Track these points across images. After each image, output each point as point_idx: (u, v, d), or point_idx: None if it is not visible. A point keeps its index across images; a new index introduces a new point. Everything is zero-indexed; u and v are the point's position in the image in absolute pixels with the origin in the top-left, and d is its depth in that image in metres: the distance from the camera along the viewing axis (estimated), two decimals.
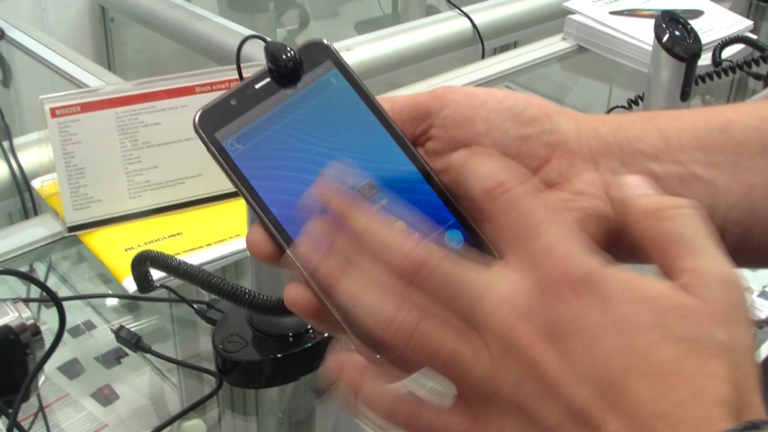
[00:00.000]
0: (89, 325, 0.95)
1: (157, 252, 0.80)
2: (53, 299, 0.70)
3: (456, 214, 0.43)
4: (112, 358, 0.90)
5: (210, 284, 0.76)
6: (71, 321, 0.94)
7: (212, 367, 0.86)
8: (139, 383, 0.89)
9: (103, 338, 0.93)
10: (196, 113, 0.44)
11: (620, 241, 0.42)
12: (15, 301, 0.77)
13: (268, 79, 0.45)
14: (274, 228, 0.43)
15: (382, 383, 0.39)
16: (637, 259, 0.42)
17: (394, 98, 0.46)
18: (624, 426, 0.33)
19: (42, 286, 0.72)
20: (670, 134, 0.44)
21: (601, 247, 0.40)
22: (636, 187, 0.40)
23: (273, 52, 0.44)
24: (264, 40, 0.58)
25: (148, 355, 0.88)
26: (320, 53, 0.45)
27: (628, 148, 0.44)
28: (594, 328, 0.35)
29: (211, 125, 0.43)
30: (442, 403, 0.39)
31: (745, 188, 0.42)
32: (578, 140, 0.44)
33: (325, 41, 0.46)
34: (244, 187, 0.43)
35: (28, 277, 0.79)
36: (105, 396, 0.86)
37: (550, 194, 0.43)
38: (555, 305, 0.36)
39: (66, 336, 0.78)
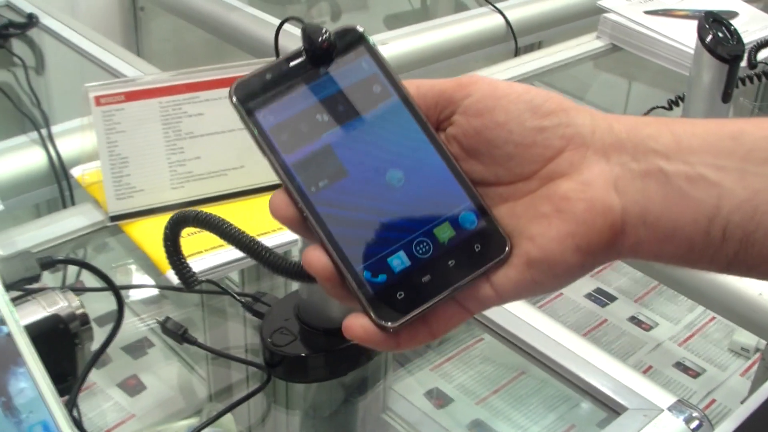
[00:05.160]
0: (116, 316, 0.93)
1: (195, 211, 0.76)
2: (113, 290, 0.69)
3: (472, 198, 0.46)
4: (138, 349, 0.89)
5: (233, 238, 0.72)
6: (98, 311, 0.92)
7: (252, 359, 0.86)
8: (165, 374, 0.89)
9: (130, 329, 0.93)
10: (233, 83, 0.46)
11: (624, 235, 0.44)
12: (63, 289, 0.77)
13: (302, 58, 0.47)
14: (297, 194, 0.45)
15: None
16: (640, 254, 0.45)
17: (419, 82, 0.48)
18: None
19: (104, 276, 0.71)
20: (683, 137, 0.45)
21: (606, 240, 0.44)
22: None
23: (309, 33, 0.47)
24: (301, 21, 0.59)
25: (176, 347, 0.86)
26: (354, 39, 0.48)
27: (641, 146, 0.45)
28: None
29: (245, 96, 0.46)
30: None
31: (750, 192, 0.43)
32: (592, 134, 0.46)
33: (359, 28, 0.48)
34: (273, 156, 0.45)
35: (89, 267, 0.78)
36: (132, 386, 0.85)
37: (558, 184, 0.45)
38: None
39: (93, 326, 0.78)
